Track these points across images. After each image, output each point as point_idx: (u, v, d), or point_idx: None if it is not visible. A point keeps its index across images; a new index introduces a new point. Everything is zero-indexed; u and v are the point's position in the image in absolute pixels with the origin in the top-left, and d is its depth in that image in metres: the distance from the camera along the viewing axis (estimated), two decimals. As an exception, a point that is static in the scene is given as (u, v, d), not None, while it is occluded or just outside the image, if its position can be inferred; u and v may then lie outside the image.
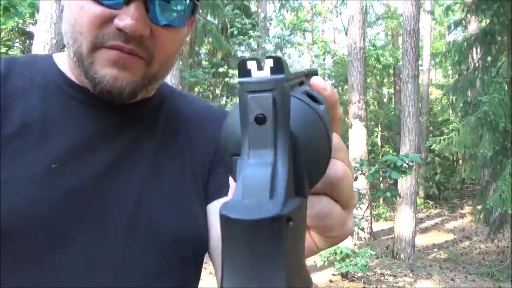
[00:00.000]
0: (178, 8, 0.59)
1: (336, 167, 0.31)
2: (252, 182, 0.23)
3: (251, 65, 0.25)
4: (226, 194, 0.58)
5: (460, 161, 14.28)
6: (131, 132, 0.63)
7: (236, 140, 0.27)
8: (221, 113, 0.74)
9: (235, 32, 9.08)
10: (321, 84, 0.32)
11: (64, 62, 0.65)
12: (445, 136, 6.92)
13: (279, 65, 0.25)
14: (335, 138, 0.32)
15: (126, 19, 0.54)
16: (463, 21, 8.38)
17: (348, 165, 0.33)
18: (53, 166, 0.55)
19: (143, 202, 0.59)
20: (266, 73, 0.24)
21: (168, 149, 0.65)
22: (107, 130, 0.61)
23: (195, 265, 0.66)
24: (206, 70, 9.36)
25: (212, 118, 0.72)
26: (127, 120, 0.63)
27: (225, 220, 0.22)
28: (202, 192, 0.66)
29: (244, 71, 0.25)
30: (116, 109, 0.61)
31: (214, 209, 0.65)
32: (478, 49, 7.68)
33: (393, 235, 7.66)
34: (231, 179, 0.36)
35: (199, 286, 0.71)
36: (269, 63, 0.25)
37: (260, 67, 0.25)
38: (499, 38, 7.08)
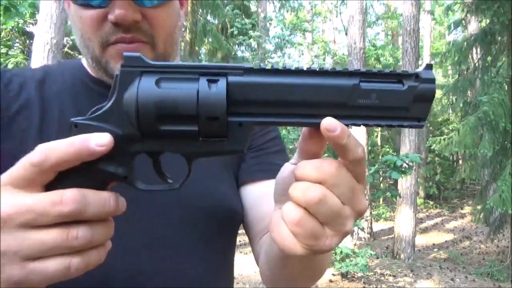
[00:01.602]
0: None
1: (312, 188, 0.40)
2: None
3: None
4: (258, 178, 0.75)
5: (460, 161, 14.27)
6: None
7: None
8: None
9: (235, 32, 9.08)
10: (329, 126, 0.40)
11: (87, 63, 0.73)
12: (445, 136, 6.91)
13: None
14: (328, 165, 0.41)
15: (115, 11, 0.60)
16: (463, 21, 8.38)
17: (345, 189, 0.41)
18: None
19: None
20: None
21: None
22: None
23: (227, 234, 0.75)
24: (206, 70, 9.31)
25: None
26: None
27: None
28: (232, 175, 0.76)
29: None
30: None
31: (249, 191, 0.75)
32: (478, 49, 7.67)
33: (393, 235, 7.66)
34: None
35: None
36: None
37: None
38: (499, 38, 7.07)
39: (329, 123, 0.40)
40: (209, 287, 0.71)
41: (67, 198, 0.38)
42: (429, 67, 0.44)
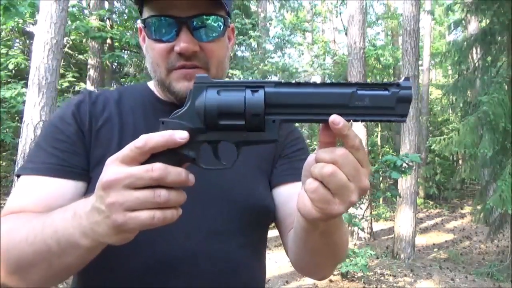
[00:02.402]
0: (214, 26, 0.84)
1: (326, 166, 0.56)
2: None
3: None
4: (287, 181, 0.92)
5: (460, 161, 14.27)
6: None
7: None
8: None
9: (235, 32, 9.07)
10: (334, 120, 0.56)
11: (153, 85, 0.95)
12: (445, 136, 6.91)
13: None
14: (337, 151, 0.56)
15: (180, 44, 0.81)
16: (463, 21, 8.38)
17: (351, 168, 0.56)
18: None
19: (222, 181, 0.81)
20: None
21: None
22: None
23: (262, 227, 0.93)
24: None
25: None
26: None
27: None
28: (266, 179, 0.93)
29: None
30: None
31: (280, 192, 0.92)
32: (478, 49, 7.66)
33: (393, 235, 7.65)
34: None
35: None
36: None
37: None
38: (499, 38, 7.06)
39: (334, 118, 0.56)
40: (249, 269, 0.90)
41: (156, 168, 0.55)
42: (407, 78, 0.60)
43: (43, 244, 0.63)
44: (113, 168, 0.56)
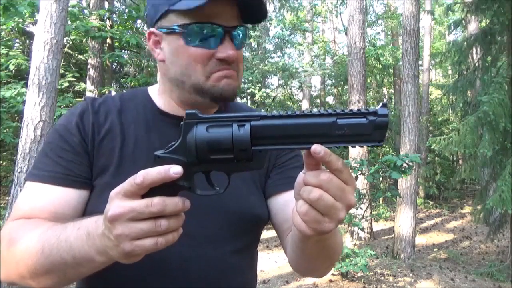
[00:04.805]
0: (244, 35, 0.90)
1: (313, 191, 0.60)
2: None
3: None
4: (282, 190, 0.98)
5: (460, 161, 14.27)
6: None
7: None
8: None
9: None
10: (315, 150, 0.60)
11: (155, 93, 0.99)
12: (445, 136, 6.91)
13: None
14: (322, 175, 0.61)
15: (226, 51, 0.85)
16: (463, 21, 8.37)
17: (336, 190, 0.60)
18: None
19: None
20: None
21: None
22: None
23: (253, 234, 1.00)
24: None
25: None
26: None
27: None
28: (258, 189, 0.99)
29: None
30: None
31: (276, 201, 0.98)
32: (478, 49, 7.66)
33: (393, 235, 7.66)
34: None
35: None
36: None
37: None
38: (499, 38, 7.06)
39: (315, 148, 0.60)
40: (241, 273, 0.95)
41: (155, 203, 0.61)
42: (384, 105, 0.62)
43: (59, 257, 0.71)
44: (117, 202, 0.62)
